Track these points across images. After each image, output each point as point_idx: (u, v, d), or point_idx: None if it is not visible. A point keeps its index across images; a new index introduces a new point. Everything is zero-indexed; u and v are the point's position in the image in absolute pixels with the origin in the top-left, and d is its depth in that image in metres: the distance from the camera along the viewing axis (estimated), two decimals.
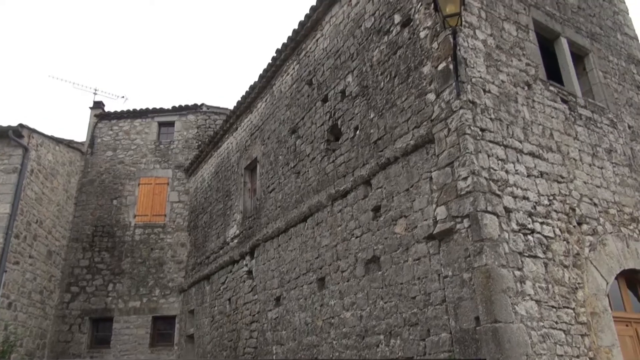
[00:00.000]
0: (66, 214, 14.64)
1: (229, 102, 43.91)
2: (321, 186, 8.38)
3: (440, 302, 5.59)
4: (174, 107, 16.38)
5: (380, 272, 6.64)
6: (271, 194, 10.17)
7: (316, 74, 9.25)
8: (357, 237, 7.22)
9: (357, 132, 7.76)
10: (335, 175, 8.07)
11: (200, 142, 15.94)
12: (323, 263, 7.87)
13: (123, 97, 26.32)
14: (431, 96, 6.33)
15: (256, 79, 11.33)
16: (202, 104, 16.49)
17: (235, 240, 11.50)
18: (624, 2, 10.34)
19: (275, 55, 10.55)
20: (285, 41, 10.14)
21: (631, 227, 6.99)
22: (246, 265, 10.55)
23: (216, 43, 54.98)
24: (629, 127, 8.17)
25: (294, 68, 10.16)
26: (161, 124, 16.50)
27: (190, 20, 52.16)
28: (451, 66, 6.03)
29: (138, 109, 16.38)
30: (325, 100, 8.82)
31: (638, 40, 9.94)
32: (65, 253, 14.54)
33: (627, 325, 6.53)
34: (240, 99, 12.12)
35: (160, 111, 16.43)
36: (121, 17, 51.08)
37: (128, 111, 16.46)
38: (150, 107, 16.37)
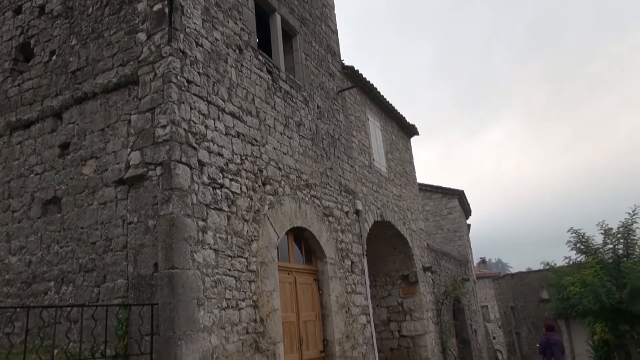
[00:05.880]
0: None
1: None
2: None
3: (122, 248, 5.47)
4: None
5: (60, 215, 6.08)
6: None
7: None
8: (37, 175, 6.43)
9: (54, 57, 6.84)
10: (19, 101, 6.97)
11: None
12: None
13: None
14: (142, 36, 6.01)
15: None
16: None
17: None
18: None
19: None
20: None
21: (305, 192, 8.12)
22: None
23: None
24: (318, 107, 9.42)
25: None
26: None
27: None
28: (167, 10, 5.84)
29: None
30: (18, 11, 7.47)
31: (337, 35, 11.47)
32: None
33: (288, 274, 7.62)
34: None
35: None
36: None
37: None
38: None
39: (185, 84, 5.84)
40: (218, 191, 6.02)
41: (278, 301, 6.71)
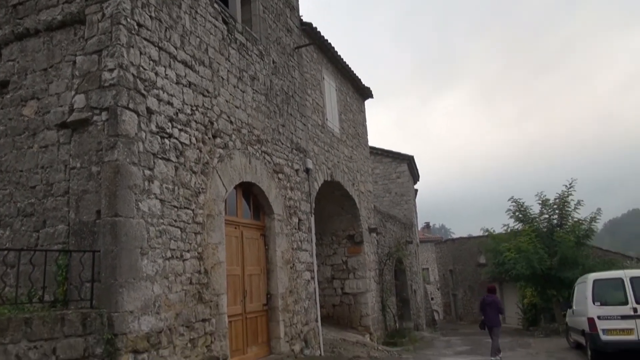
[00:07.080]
0: None
1: None
2: None
3: (63, 193, 5.32)
4: None
5: None
6: None
7: None
8: None
9: None
10: None
11: None
12: None
13: None
14: None
15: None
16: None
17: None
18: None
19: None
20: None
21: (256, 147, 8.09)
22: None
23: None
24: (274, 62, 9.28)
25: None
26: None
27: None
28: None
29: None
30: None
31: None
32: None
33: (235, 228, 7.66)
34: None
35: None
36: None
37: None
38: None
39: (136, 27, 5.61)
40: (166, 141, 5.91)
41: (223, 254, 6.76)
